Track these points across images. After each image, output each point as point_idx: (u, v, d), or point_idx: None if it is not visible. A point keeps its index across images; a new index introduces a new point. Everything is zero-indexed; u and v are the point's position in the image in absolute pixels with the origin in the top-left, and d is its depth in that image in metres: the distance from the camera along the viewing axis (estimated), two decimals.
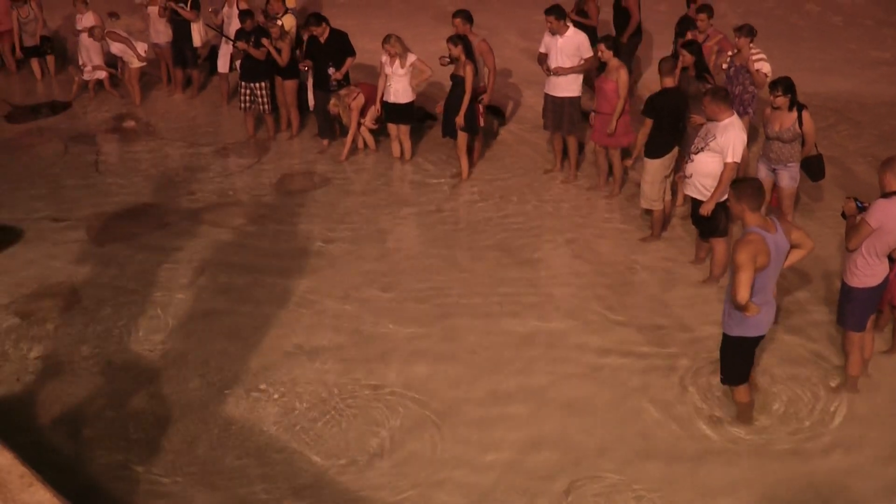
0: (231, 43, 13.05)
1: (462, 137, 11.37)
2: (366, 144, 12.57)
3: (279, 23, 12.48)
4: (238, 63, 13.17)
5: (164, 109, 14.83)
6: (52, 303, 8.63)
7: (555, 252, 9.75)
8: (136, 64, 14.86)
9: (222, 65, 14.40)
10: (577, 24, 12.67)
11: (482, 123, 11.68)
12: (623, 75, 10.28)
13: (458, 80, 11.14)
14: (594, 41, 12.54)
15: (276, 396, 7.23)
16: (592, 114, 10.83)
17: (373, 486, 6.29)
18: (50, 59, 16.57)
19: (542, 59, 11.29)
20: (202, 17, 14.62)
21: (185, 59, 15.04)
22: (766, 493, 6.22)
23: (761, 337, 6.60)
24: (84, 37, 15.15)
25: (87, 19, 15.15)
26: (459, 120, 11.12)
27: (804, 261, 8.59)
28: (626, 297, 8.80)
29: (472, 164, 11.91)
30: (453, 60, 11.21)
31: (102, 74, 15.16)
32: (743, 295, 6.04)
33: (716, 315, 7.94)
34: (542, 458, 6.57)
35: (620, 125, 10.48)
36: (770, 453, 6.60)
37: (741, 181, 6.57)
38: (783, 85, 8.98)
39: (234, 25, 13.77)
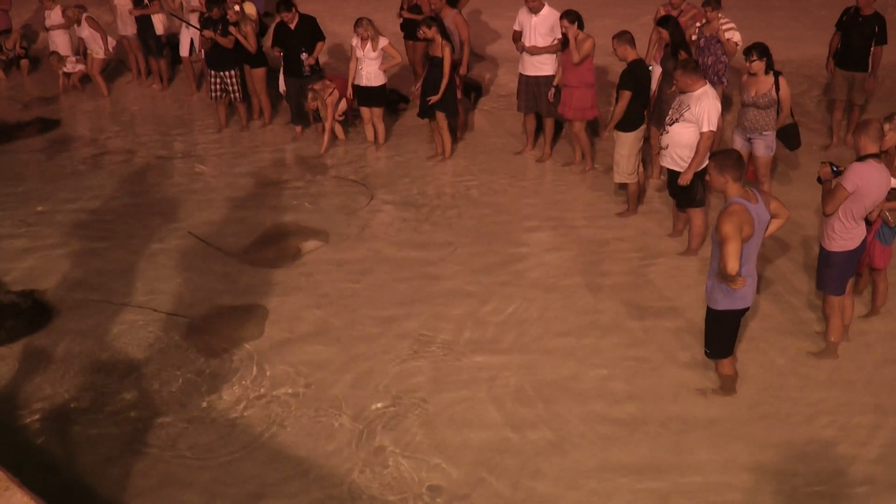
0: (198, 31, 12.89)
1: (441, 117, 11.35)
2: (335, 135, 12.48)
3: (237, 7, 12.36)
4: (200, 48, 13.12)
5: (136, 101, 14.71)
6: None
7: (532, 230, 9.72)
8: (100, 55, 14.73)
9: (183, 49, 14.32)
10: (411, 22, 12.67)
11: (460, 96, 11.61)
12: (588, 44, 10.23)
13: (435, 61, 11.08)
14: None
15: (261, 390, 7.14)
16: (553, 90, 10.82)
17: (360, 467, 6.26)
18: (24, 62, 16.38)
19: (517, 36, 11.24)
20: (164, 5, 14.51)
21: (150, 49, 14.93)
22: (753, 462, 6.22)
23: (747, 309, 6.55)
24: (53, 33, 15.05)
25: (55, 15, 15.05)
26: (436, 99, 11.10)
27: (783, 228, 8.69)
28: (605, 272, 8.78)
29: (455, 141, 11.90)
30: (428, 41, 11.16)
31: (83, 67, 15.01)
32: (733, 266, 5.97)
33: (696, 286, 7.96)
34: (526, 438, 6.53)
35: (588, 98, 10.46)
36: (755, 422, 6.61)
37: (721, 153, 6.46)
38: (757, 50, 8.99)
39: (189, 10, 13.72)
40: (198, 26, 12.91)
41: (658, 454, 6.33)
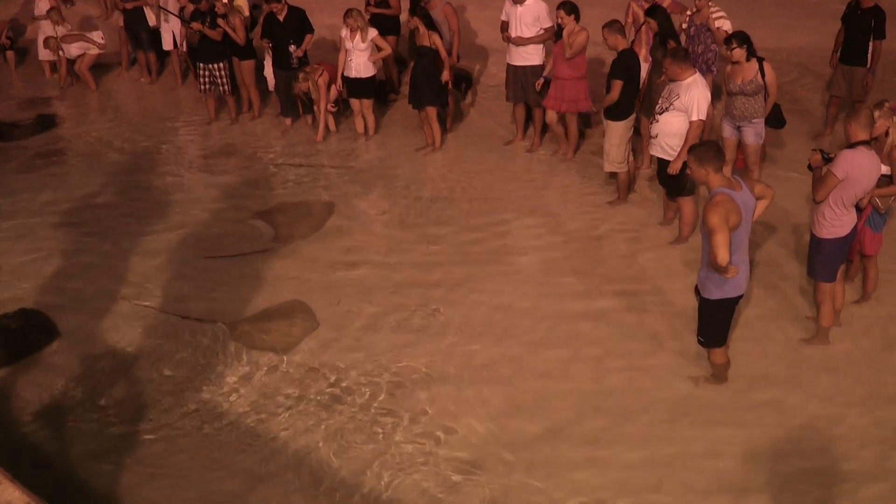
0: (185, 23, 12.85)
1: (430, 108, 11.34)
2: (327, 126, 12.43)
3: (225, 0, 12.32)
4: (182, 42, 13.12)
5: (125, 95, 14.67)
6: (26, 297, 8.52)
7: (522, 219, 9.71)
8: (94, 51, 14.68)
9: (167, 41, 14.27)
10: (378, 16, 12.58)
11: (450, 86, 11.58)
12: (581, 38, 10.19)
13: (422, 51, 11.06)
14: (396, 30, 12.56)
15: (254, 381, 7.16)
16: (542, 80, 10.79)
17: (353, 459, 6.28)
18: (10, 54, 16.30)
19: (505, 27, 11.21)
20: None
21: (141, 42, 14.84)
22: (745, 448, 6.24)
23: (741, 296, 6.55)
24: (43, 23, 14.99)
25: (43, 4, 14.97)
26: (446, 77, 11.16)
27: (773, 215, 8.71)
28: (596, 261, 8.79)
29: (444, 132, 11.90)
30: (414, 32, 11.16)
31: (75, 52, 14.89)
32: (723, 256, 5.98)
33: (687, 274, 7.97)
34: (519, 428, 6.54)
35: (580, 90, 10.44)
36: (746, 409, 6.63)
37: (700, 145, 6.51)
38: (738, 38, 9.02)
39: (171, 2, 13.68)
40: (184, 18, 12.86)
41: (650, 442, 6.35)
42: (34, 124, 13.28)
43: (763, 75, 9.04)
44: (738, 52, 8.99)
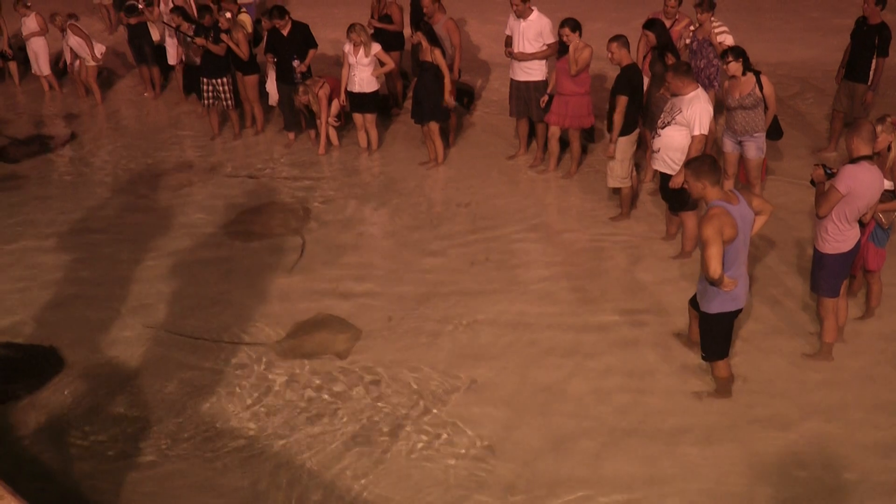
0: (181, 41, 12.90)
1: (433, 123, 11.34)
2: (329, 140, 12.46)
3: (227, 15, 12.37)
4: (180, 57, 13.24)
5: (129, 109, 14.72)
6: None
7: (525, 235, 9.71)
8: (90, 63, 14.74)
9: (171, 56, 14.33)
10: (381, 31, 12.69)
11: (452, 104, 11.57)
12: (586, 54, 10.20)
13: (425, 66, 11.09)
14: (399, 45, 12.71)
15: (255, 394, 7.17)
16: (546, 96, 10.79)
17: (346, 467, 6.26)
18: (12, 65, 16.35)
19: (509, 41, 11.23)
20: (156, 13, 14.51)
21: (145, 57, 14.89)
22: (748, 464, 6.23)
23: (740, 310, 6.56)
24: (32, 40, 15.09)
25: (30, 22, 15.09)
26: (450, 101, 11.13)
27: (776, 230, 8.70)
28: (598, 276, 8.78)
29: (447, 147, 11.93)
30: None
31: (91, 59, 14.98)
32: (715, 269, 6.01)
33: (690, 289, 7.95)
34: (521, 441, 6.53)
35: (583, 106, 10.45)
36: (750, 424, 6.61)
37: (695, 159, 6.51)
38: (733, 51, 9.04)
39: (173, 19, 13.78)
40: (182, 34, 12.90)
41: (653, 456, 6.34)
42: (33, 142, 13.23)
43: (761, 88, 9.05)
44: (734, 66, 9.00)
